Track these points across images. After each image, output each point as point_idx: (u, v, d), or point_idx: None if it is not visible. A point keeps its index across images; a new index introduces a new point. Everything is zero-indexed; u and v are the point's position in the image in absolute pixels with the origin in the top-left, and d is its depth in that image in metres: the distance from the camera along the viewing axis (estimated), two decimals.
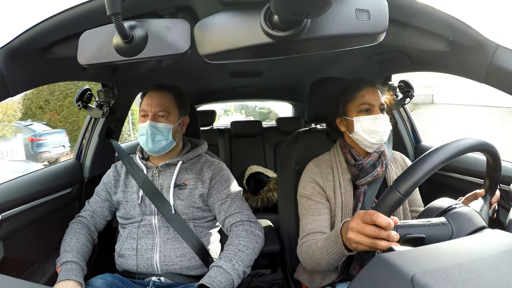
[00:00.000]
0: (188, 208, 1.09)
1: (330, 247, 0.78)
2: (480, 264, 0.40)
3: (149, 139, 1.05)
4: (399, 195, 0.58)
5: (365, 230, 0.63)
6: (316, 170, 1.02)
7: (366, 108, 0.95)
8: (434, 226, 0.63)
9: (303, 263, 0.95)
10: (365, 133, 0.94)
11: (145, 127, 1.06)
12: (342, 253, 0.76)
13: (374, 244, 0.62)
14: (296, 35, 0.45)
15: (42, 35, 0.72)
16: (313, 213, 0.98)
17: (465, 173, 1.29)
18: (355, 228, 0.65)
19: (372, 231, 0.61)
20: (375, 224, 0.61)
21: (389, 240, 0.60)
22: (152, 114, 1.07)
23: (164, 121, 1.08)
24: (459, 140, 0.62)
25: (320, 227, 0.95)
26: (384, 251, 0.58)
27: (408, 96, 1.49)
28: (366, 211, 0.63)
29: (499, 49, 0.73)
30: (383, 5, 0.46)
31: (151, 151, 1.09)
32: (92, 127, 1.48)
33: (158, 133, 1.06)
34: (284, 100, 3.44)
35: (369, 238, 0.62)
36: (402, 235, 0.61)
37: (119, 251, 1.09)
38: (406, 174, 0.59)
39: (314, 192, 1.00)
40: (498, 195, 0.76)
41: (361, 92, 0.96)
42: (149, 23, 0.52)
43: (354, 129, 0.96)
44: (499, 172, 0.71)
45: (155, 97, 1.09)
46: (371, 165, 0.98)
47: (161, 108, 1.08)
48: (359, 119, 0.95)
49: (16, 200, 1.07)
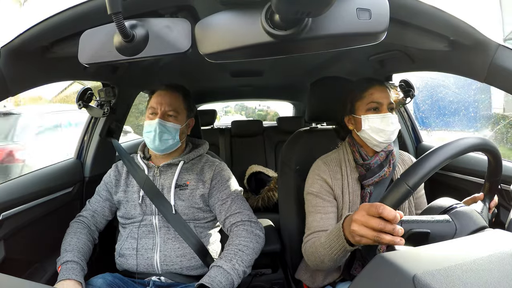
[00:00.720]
0: (188, 208, 1.09)
1: (333, 242, 0.78)
2: (481, 264, 0.40)
3: (157, 137, 1.05)
4: (407, 188, 0.58)
5: (370, 222, 0.61)
6: (325, 168, 1.01)
7: (375, 106, 0.95)
8: (438, 223, 0.62)
9: (307, 261, 0.95)
10: (373, 131, 0.94)
11: (153, 124, 1.06)
12: (345, 248, 0.74)
13: (378, 238, 0.60)
14: (297, 34, 0.45)
15: (43, 35, 0.72)
16: (320, 211, 0.97)
17: (466, 173, 1.29)
18: (359, 221, 0.64)
19: (377, 224, 0.60)
20: (380, 218, 0.60)
21: (394, 235, 0.59)
22: (161, 113, 1.07)
23: (173, 120, 1.09)
24: (468, 138, 0.62)
25: (326, 225, 0.95)
26: (385, 250, 0.58)
27: (409, 96, 1.49)
28: (372, 204, 0.62)
29: (500, 48, 0.72)
30: (384, 4, 0.46)
31: (156, 149, 1.10)
32: (93, 127, 1.48)
33: (166, 132, 1.07)
34: (284, 99, 3.44)
35: (374, 231, 0.61)
36: (407, 230, 0.60)
37: (119, 250, 1.09)
38: (415, 166, 0.59)
39: (322, 189, 0.99)
40: (496, 200, 0.76)
41: (369, 91, 0.96)
42: (150, 22, 0.52)
43: (362, 128, 0.96)
44: (500, 176, 0.71)
45: (165, 96, 1.10)
46: (378, 165, 0.97)
47: (171, 107, 1.08)
48: (367, 118, 0.95)
49: (16, 200, 1.07)
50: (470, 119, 3.25)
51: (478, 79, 0.80)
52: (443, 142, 0.62)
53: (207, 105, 3.20)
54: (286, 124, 2.80)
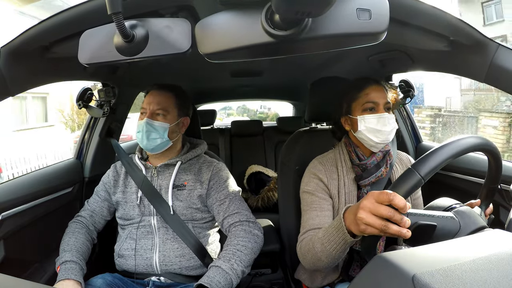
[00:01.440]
0: (186, 209, 1.08)
1: (332, 235, 0.75)
2: (481, 264, 0.40)
3: (144, 136, 1.06)
4: (418, 177, 0.57)
5: (379, 210, 0.59)
6: (320, 167, 1.01)
7: (371, 106, 0.94)
8: (444, 218, 0.62)
9: (303, 261, 0.92)
10: (369, 132, 0.93)
11: (141, 124, 1.07)
12: (345, 240, 0.72)
13: (385, 227, 0.58)
14: (297, 34, 0.45)
15: (43, 35, 0.72)
16: (316, 208, 0.96)
17: (465, 173, 1.29)
18: (367, 208, 0.61)
19: (387, 212, 0.58)
20: (389, 206, 0.58)
21: (401, 226, 0.58)
22: (150, 112, 1.08)
23: (161, 119, 1.08)
24: (479, 137, 0.63)
25: (322, 223, 0.93)
26: (385, 250, 0.58)
27: (408, 96, 1.49)
28: (382, 191, 0.60)
29: (500, 49, 0.73)
30: (384, 4, 0.46)
31: (146, 149, 1.10)
32: (93, 127, 1.48)
33: (154, 131, 1.07)
34: (284, 99, 3.44)
35: (382, 220, 0.59)
36: (413, 222, 0.59)
37: (118, 251, 1.09)
38: (427, 156, 0.59)
39: (317, 188, 0.98)
40: (491, 208, 0.77)
41: (365, 90, 0.95)
42: (150, 22, 0.52)
43: (358, 128, 0.95)
44: (498, 184, 0.72)
45: (155, 96, 1.10)
46: (375, 165, 0.96)
47: (159, 106, 1.09)
48: (363, 118, 0.94)
49: (16, 200, 1.07)
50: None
51: (478, 79, 0.81)
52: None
53: (207, 105, 3.21)
54: (286, 124, 2.80)
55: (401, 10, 0.66)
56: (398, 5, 0.62)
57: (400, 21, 0.69)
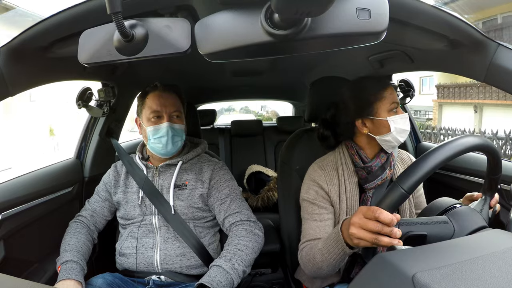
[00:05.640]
0: (188, 208, 1.08)
1: (331, 246, 0.77)
2: (481, 263, 0.40)
3: (170, 141, 1.04)
4: (402, 191, 0.58)
5: (368, 225, 0.62)
6: (320, 172, 0.97)
7: (396, 107, 0.91)
8: (436, 224, 0.63)
9: (304, 269, 0.93)
10: (398, 133, 0.89)
11: (163, 128, 1.04)
12: (344, 252, 0.74)
13: (376, 240, 0.61)
14: (296, 34, 0.45)
15: (42, 35, 0.72)
16: (316, 218, 0.95)
17: (465, 173, 1.29)
18: (357, 223, 0.64)
19: (375, 226, 0.61)
20: (377, 220, 0.60)
21: (392, 237, 0.60)
22: (168, 115, 1.06)
23: (179, 121, 1.08)
24: (463, 137, 0.62)
25: (322, 234, 0.92)
26: (386, 250, 0.58)
27: (408, 96, 1.50)
28: (369, 207, 0.63)
29: (500, 48, 0.73)
30: (383, 4, 0.46)
31: (168, 154, 1.08)
32: (92, 126, 1.48)
33: (176, 134, 1.07)
34: (284, 99, 3.44)
35: (372, 234, 0.62)
36: (404, 232, 0.61)
37: (119, 250, 1.10)
38: (409, 170, 0.59)
39: (317, 196, 0.96)
40: (497, 197, 0.75)
41: (388, 90, 0.91)
42: (149, 22, 0.52)
43: (391, 130, 0.89)
44: (500, 173, 0.71)
45: (167, 98, 1.08)
46: (379, 167, 0.93)
47: (175, 108, 1.08)
48: (393, 119, 0.89)
49: (16, 200, 1.07)
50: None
51: (478, 79, 0.81)
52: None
53: (207, 105, 3.21)
54: (286, 124, 2.80)
55: (401, 10, 0.66)
56: (398, 4, 0.62)
57: (400, 20, 0.69)
